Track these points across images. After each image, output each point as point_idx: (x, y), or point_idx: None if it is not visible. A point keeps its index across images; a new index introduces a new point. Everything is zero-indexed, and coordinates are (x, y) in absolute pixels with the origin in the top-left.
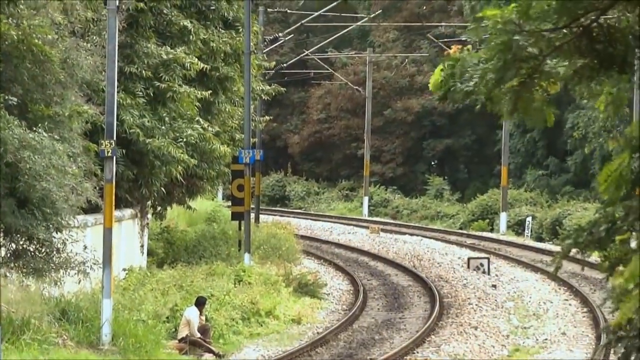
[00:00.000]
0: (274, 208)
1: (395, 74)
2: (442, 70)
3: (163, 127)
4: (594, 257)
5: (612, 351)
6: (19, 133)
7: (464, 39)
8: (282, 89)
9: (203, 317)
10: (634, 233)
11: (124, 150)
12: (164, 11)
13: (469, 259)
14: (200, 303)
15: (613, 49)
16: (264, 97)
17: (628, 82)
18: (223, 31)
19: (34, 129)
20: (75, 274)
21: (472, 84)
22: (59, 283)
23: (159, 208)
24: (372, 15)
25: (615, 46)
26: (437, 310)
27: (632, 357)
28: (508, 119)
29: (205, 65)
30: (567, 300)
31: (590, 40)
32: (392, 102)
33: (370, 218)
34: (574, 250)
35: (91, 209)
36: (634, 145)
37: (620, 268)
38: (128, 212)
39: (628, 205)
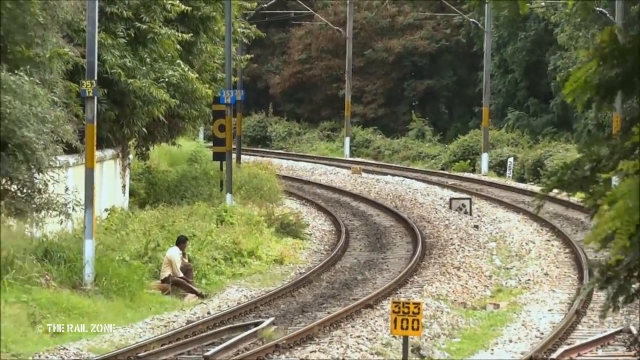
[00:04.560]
0: (255, 149)
1: (376, 14)
2: None
3: (144, 68)
4: (576, 198)
5: (594, 291)
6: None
7: None
8: (262, 33)
9: (185, 258)
10: (617, 172)
11: (105, 90)
12: None
13: (451, 199)
14: (180, 242)
15: None
16: (244, 40)
17: None
18: None
19: (16, 72)
20: (57, 214)
21: None
22: (40, 224)
23: (142, 148)
24: None
25: None
26: (420, 251)
27: (621, 298)
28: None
29: (187, 8)
30: (549, 240)
31: None
32: (373, 42)
33: (351, 158)
34: (556, 190)
35: (72, 150)
36: (604, 53)
37: (605, 207)
38: (110, 152)
39: (613, 143)
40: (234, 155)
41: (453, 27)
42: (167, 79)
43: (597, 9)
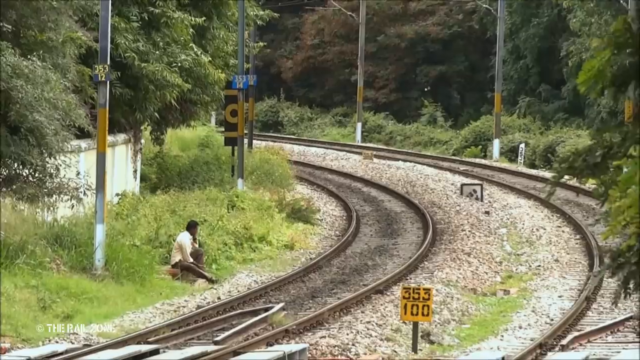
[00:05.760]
0: (267, 134)
1: None
2: None
3: (157, 52)
4: (587, 184)
5: (604, 277)
6: (12, 60)
7: None
8: (275, 14)
9: (196, 243)
10: (629, 159)
11: (118, 74)
12: None
13: (462, 185)
14: (190, 227)
15: None
16: (258, 22)
17: None
18: None
19: (29, 57)
20: (68, 199)
21: None
22: (52, 208)
23: (157, 133)
24: None
25: None
26: (430, 237)
27: (631, 284)
28: None
29: None
30: (560, 227)
31: None
32: (385, 28)
33: (363, 144)
34: (567, 176)
35: (84, 135)
36: (618, 42)
37: (616, 194)
38: (121, 137)
39: (625, 130)
40: (245, 141)
41: (466, 13)
42: (179, 64)
43: None
